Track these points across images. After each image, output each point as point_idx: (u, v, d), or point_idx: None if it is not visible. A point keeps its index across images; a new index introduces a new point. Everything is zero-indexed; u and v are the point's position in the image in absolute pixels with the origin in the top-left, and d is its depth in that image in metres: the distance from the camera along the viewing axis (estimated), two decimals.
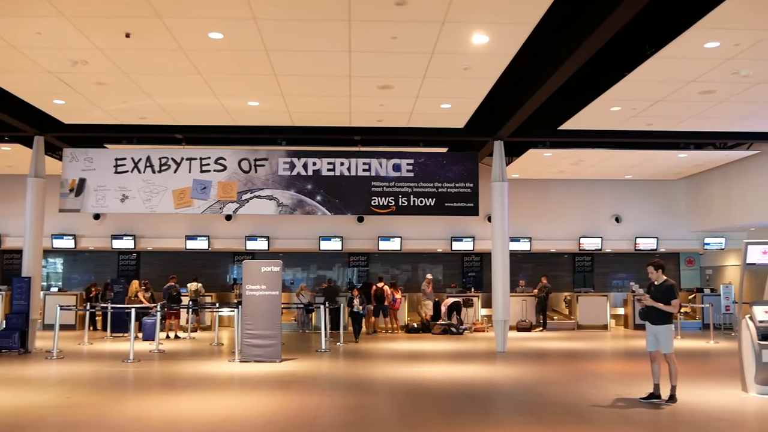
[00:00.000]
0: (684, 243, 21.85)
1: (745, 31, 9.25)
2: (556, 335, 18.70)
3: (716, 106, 12.88)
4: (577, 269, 23.69)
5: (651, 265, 8.92)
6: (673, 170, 19.79)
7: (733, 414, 8.11)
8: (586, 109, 13.12)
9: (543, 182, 21.16)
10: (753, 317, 9.19)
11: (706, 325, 18.52)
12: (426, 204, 15.14)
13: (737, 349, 9.56)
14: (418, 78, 11.42)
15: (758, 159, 17.68)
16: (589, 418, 7.78)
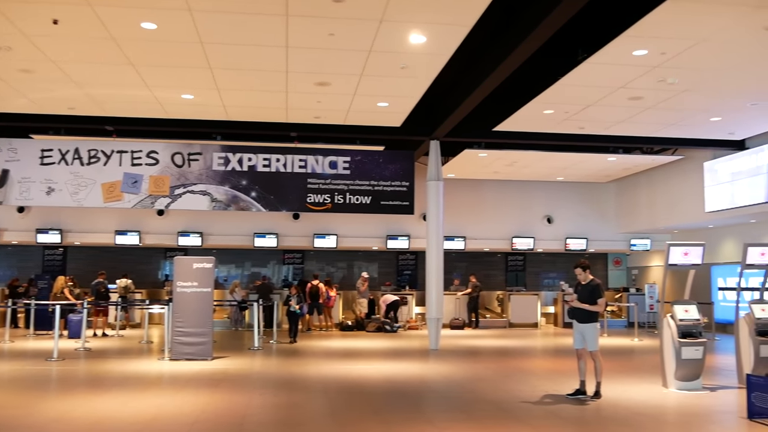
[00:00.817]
0: (612, 244, 22.55)
1: (672, 40, 9.58)
2: (488, 333, 19.00)
3: (644, 112, 13.31)
4: (510, 268, 24.12)
5: (578, 266, 9.16)
6: (602, 173, 20.37)
7: (654, 409, 8.40)
8: (521, 111, 13.37)
9: (478, 182, 21.47)
10: (674, 316, 9.54)
11: (632, 324, 19.10)
12: (362, 202, 15.14)
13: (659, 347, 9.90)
14: (356, 76, 11.41)
15: (682, 164, 18.38)
16: (517, 414, 7.93)
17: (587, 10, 8.66)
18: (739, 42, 9.62)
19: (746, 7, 8.42)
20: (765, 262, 10.16)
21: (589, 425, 7.58)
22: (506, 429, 7.18)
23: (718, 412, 8.31)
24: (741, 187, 15.71)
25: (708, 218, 17.32)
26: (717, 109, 13.31)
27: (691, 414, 8.16)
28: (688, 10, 8.52)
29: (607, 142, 15.96)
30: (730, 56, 10.22)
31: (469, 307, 20.56)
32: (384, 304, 19.52)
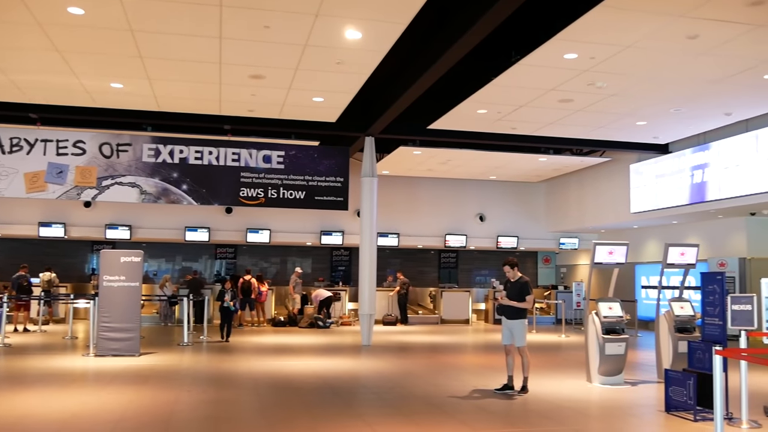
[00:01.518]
0: (542, 242, 23.08)
1: (600, 46, 9.86)
2: (420, 329, 19.17)
3: (573, 114, 13.66)
4: (443, 265, 24.39)
5: (507, 264, 9.33)
6: (534, 173, 20.81)
7: (578, 403, 8.63)
8: (455, 110, 13.53)
9: (412, 180, 21.62)
10: (598, 313, 9.83)
11: (560, 320, 19.60)
12: (296, 197, 15.04)
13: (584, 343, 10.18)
14: (291, 70, 11.32)
15: (610, 166, 18.96)
16: (446, 409, 8.02)
17: (521, 13, 8.83)
18: (663, 50, 9.98)
19: (670, 16, 8.74)
20: (684, 261, 10.57)
21: (515, 419, 7.73)
22: (435, 423, 7.26)
23: (637, 405, 8.60)
24: (664, 190, 16.31)
25: (633, 219, 17.91)
26: (642, 114, 13.77)
27: (612, 407, 8.42)
28: (616, 16, 8.78)
29: (539, 142, 16.31)
30: (655, 63, 10.60)
31: (399, 303, 20.69)
32: (317, 299, 19.46)
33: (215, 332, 16.07)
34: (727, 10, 8.54)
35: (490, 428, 7.14)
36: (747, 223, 16.45)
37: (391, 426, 7.07)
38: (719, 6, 8.42)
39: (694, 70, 10.95)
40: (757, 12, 8.59)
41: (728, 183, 14.28)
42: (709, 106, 13.21)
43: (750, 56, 10.26)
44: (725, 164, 14.38)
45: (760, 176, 13.40)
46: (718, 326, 7.63)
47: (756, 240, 16.46)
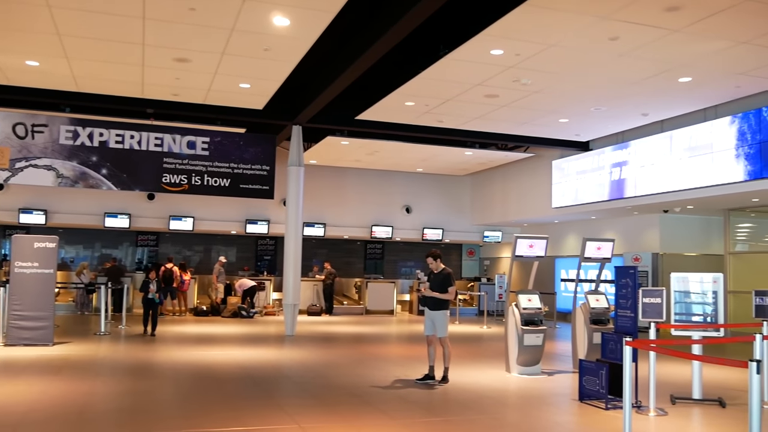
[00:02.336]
0: (466, 235, 23.45)
1: (525, 43, 10.06)
2: (344, 320, 19.20)
3: (499, 109, 13.91)
4: (369, 256, 24.47)
5: (429, 255, 9.43)
6: (459, 166, 21.10)
7: (497, 392, 8.82)
8: (383, 101, 13.56)
9: (340, 170, 21.59)
10: (518, 305, 10.06)
11: (482, 312, 19.95)
12: (221, 184, 14.79)
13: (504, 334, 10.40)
14: (217, 54, 11.09)
15: (533, 161, 19.41)
16: (367, 399, 8.06)
17: (450, 7, 8.91)
18: (585, 50, 10.27)
19: (592, 18, 8.99)
20: (600, 256, 10.92)
21: (435, 408, 7.84)
22: (356, 413, 7.28)
23: (553, 394, 8.85)
24: (584, 186, 16.82)
25: (554, 213, 18.40)
26: (565, 111, 14.15)
27: (529, 397, 8.64)
28: (541, 15, 8.98)
29: (465, 136, 16.55)
30: (577, 62, 10.90)
31: (325, 293, 20.66)
32: (241, 289, 19.21)
33: (135, 322, 15.65)
34: (646, 14, 8.85)
35: (411, 418, 7.22)
36: (660, 219, 17.15)
37: (312, 416, 7.06)
38: (639, 10, 8.72)
39: (615, 71, 11.31)
40: (673, 17, 8.95)
41: (644, 181, 14.84)
42: (628, 106, 13.69)
43: (666, 59, 10.67)
44: (642, 163, 14.93)
45: (673, 175, 13.98)
46: (630, 318, 7.93)
47: (668, 236, 17.19)
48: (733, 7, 8.59)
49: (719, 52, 10.32)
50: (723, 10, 8.69)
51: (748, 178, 12.43)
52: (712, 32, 9.47)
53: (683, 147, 13.82)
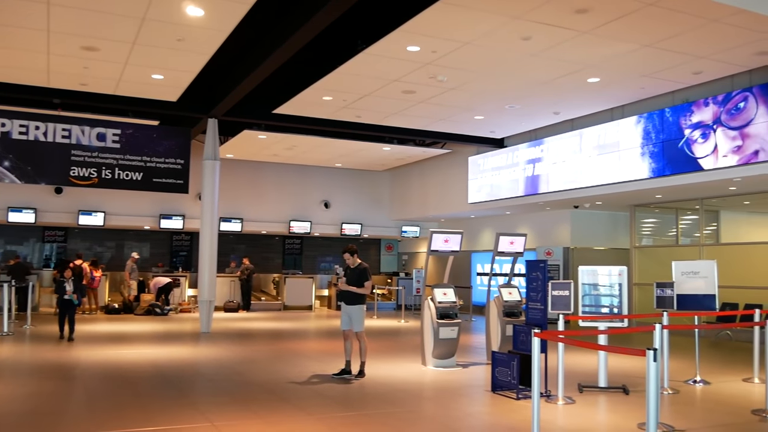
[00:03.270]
0: (385, 230, 23.61)
1: (441, 40, 10.19)
2: (262, 316, 18.99)
3: (416, 105, 14.04)
4: (287, 251, 24.29)
5: (346, 251, 9.44)
6: (378, 162, 21.20)
7: (412, 385, 8.92)
8: (301, 95, 13.46)
9: (257, 164, 21.32)
10: (433, 298, 10.20)
11: (401, 306, 20.12)
12: (133, 178, 14.34)
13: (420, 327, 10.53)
14: (128, 43, 10.74)
15: (451, 157, 19.70)
16: (283, 395, 8.01)
17: (368, 2, 8.93)
18: (498, 49, 10.49)
19: (505, 17, 9.19)
20: (513, 250, 11.20)
21: (352, 403, 7.86)
22: (272, 410, 7.22)
23: (467, 386, 9.02)
24: (499, 182, 17.20)
25: (471, 209, 18.74)
26: (480, 109, 14.42)
27: (444, 389, 8.78)
28: (456, 13, 9.11)
29: (383, 132, 16.62)
30: (491, 61, 11.12)
31: (242, 289, 20.38)
32: (155, 286, 18.71)
33: (41, 321, 14.99)
34: (557, 15, 9.11)
35: (327, 413, 7.21)
36: (571, 215, 17.74)
37: (226, 414, 6.95)
38: (550, 11, 8.97)
39: (527, 70, 11.61)
40: (583, 19, 9.25)
41: (555, 178, 15.31)
42: (540, 105, 14.08)
43: (576, 60, 11.03)
44: (554, 160, 15.40)
45: (583, 172, 14.49)
46: (540, 311, 8.17)
47: (578, 231, 17.80)
48: (637, 11, 8.95)
49: (625, 54, 10.74)
50: (628, 14, 9.04)
51: (652, 175, 13.01)
52: (619, 35, 9.85)
53: (592, 145, 14.34)
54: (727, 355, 12.15)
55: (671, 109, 12.76)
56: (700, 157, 12.12)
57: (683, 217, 16.64)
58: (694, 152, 12.25)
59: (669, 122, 12.72)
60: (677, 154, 12.53)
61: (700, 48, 10.43)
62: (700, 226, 15.43)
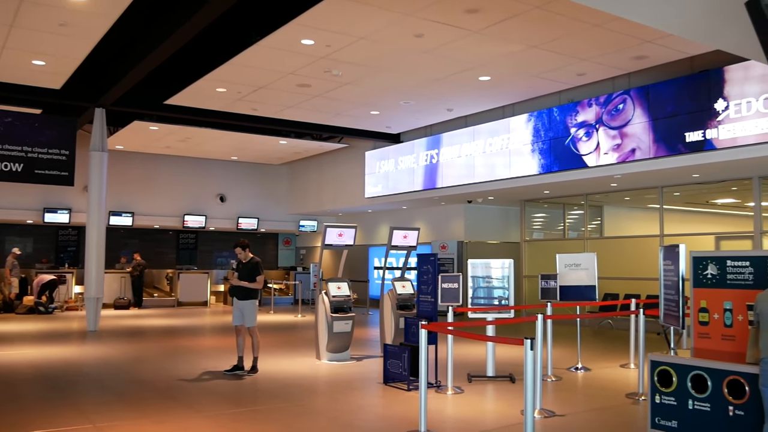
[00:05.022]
0: (282, 224, 23.43)
1: (335, 35, 10.20)
2: (154, 313, 18.45)
3: (312, 99, 14.00)
4: (182, 246, 23.67)
5: (238, 245, 9.33)
6: (275, 155, 21.01)
7: (306, 379, 8.92)
8: (193, 86, 13.14)
9: (149, 156, 20.66)
10: (327, 292, 10.22)
11: (298, 301, 20.02)
12: (12, 169, 13.53)
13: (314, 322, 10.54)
14: (4, 26, 10.13)
15: (348, 152, 19.77)
16: (173, 393, 7.82)
17: None
18: (392, 45, 10.61)
19: (398, 14, 9.30)
20: (407, 244, 11.38)
21: (243, 399, 7.78)
22: (160, 409, 7.04)
23: (360, 379, 9.09)
24: (395, 177, 17.41)
25: (368, 203, 18.88)
26: (375, 104, 14.54)
27: (337, 382, 8.82)
28: (349, 7, 9.14)
29: (280, 125, 16.47)
30: (385, 57, 11.23)
31: (134, 286, 19.71)
32: (38, 284, 17.79)
33: None
34: (448, 14, 9.30)
35: (217, 410, 7.10)
36: (465, 209, 18.18)
37: (110, 414, 6.72)
38: (441, 9, 9.15)
39: (421, 67, 11.80)
40: (473, 19, 9.49)
41: (450, 173, 15.65)
42: (434, 102, 14.35)
43: (468, 59, 11.31)
44: (448, 156, 15.73)
45: (476, 168, 14.88)
46: (431, 303, 8.35)
47: (472, 225, 18.28)
48: (524, 14, 9.27)
49: (513, 54, 11.10)
50: (516, 15, 9.35)
51: (541, 171, 13.53)
52: (507, 35, 10.17)
53: (485, 141, 14.74)
54: (608, 343, 12.82)
55: (558, 109, 13.31)
56: (584, 154, 12.71)
57: (570, 212, 17.41)
58: (579, 150, 12.83)
59: (556, 121, 13.26)
60: (564, 151, 13.09)
61: (583, 51, 10.93)
62: (584, 220, 16.19)
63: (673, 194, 14.79)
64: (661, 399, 5.46)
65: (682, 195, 15.36)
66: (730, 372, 5.06)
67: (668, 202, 14.62)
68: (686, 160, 11.14)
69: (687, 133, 10.94)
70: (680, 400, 5.33)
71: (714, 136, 10.60)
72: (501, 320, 8.92)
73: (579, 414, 7.10)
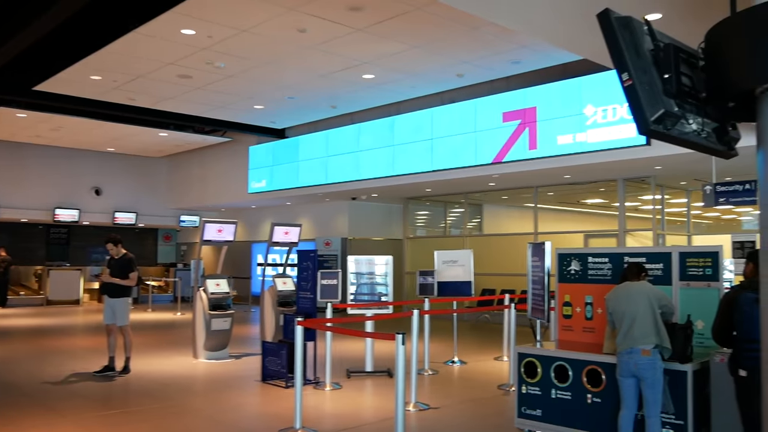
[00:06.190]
0: (163, 219, 22.67)
1: (218, 26, 9.97)
2: (21, 312, 17.42)
3: (193, 91, 13.62)
4: (52, 241, 22.39)
5: (109, 241, 8.94)
6: (155, 148, 20.30)
7: (182, 379, 8.69)
8: (65, 72, 12.42)
9: (17, 145, 19.43)
10: (206, 289, 9.99)
11: (178, 298, 19.45)
12: None
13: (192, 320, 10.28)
14: None
15: (231, 146, 19.37)
16: (35, 397, 7.42)
17: None
18: (275, 38, 10.49)
19: (281, 8, 9.20)
20: (288, 240, 11.28)
21: (113, 401, 7.49)
22: (22, 414, 6.64)
23: (238, 377, 8.94)
24: (279, 172, 17.23)
25: (251, 198, 18.59)
26: (260, 98, 14.34)
27: (214, 381, 8.65)
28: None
29: (159, 117, 15.92)
30: (269, 50, 11.09)
31: None
32: None
33: None
34: (331, 11, 9.30)
35: (84, 413, 6.79)
36: (349, 206, 18.26)
37: None
38: (324, 6, 9.13)
39: (305, 62, 11.74)
40: (356, 17, 9.54)
41: (334, 169, 15.65)
42: (318, 98, 14.31)
43: (352, 56, 11.36)
44: (333, 152, 15.72)
45: (361, 165, 14.96)
46: (310, 299, 8.33)
47: (356, 222, 18.38)
48: (406, 14, 9.40)
49: (396, 54, 11.25)
50: (398, 15, 9.47)
51: (423, 169, 13.77)
52: (390, 34, 10.28)
53: (370, 139, 14.84)
54: (485, 337, 13.25)
55: (439, 109, 13.59)
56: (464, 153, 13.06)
57: (451, 210, 17.86)
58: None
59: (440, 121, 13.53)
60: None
61: (462, 53, 11.23)
62: (465, 218, 16.66)
63: (547, 194, 15.50)
64: (527, 389, 5.71)
65: (556, 195, 16.15)
66: (589, 362, 5.36)
67: (543, 201, 15.31)
68: (557, 161, 11.68)
69: (559, 136, 11.47)
70: (544, 390, 5.59)
71: (583, 140, 11.17)
72: (380, 316, 9.03)
73: (452, 406, 7.31)
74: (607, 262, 5.81)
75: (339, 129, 15.72)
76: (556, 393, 5.52)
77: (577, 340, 6.00)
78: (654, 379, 4.76)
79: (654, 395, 4.77)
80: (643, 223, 14.03)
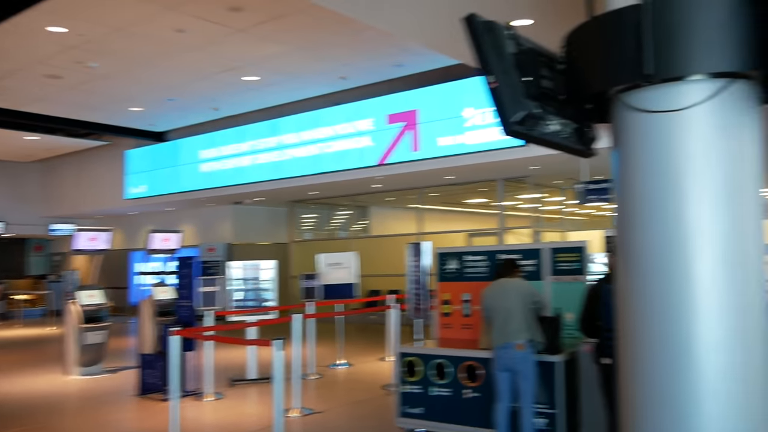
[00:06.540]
0: (34, 228, 21.34)
1: (89, 24, 9.48)
2: None
3: (64, 92, 12.91)
4: None
5: None
6: (23, 152, 19.11)
7: (52, 397, 8.19)
8: None
9: None
10: (79, 301, 9.47)
11: (51, 312, 18.37)
12: None
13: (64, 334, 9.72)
14: None
15: (108, 150, 18.51)
16: None
17: None
18: (152, 38, 10.10)
19: (157, 6, 8.86)
20: (168, 247, 10.89)
21: None
22: None
23: (113, 392, 8.51)
24: (159, 177, 16.63)
25: (129, 205, 17.83)
26: (138, 100, 13.78)
27: (87, 398, 8.21)
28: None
29: (25, 119, 14.94)
30: (145, 50, 10.67)
31: None
32: None
33: None
34: (211, 11, 9.05)
35: None
36: (233, 211, 17.86)
37: None
38: (204, 6, 8.87)
39: (184, 64, 11.37)
40: (237, 17, 9.33)
41: (217, 173, 15.26)
42: (200, 100, 13.92)
43: (233, 57, 11.11)
44: (215, 155, 15.33)
45: (245, 169, 14.66)
46: (188, 308, 8.06)
47: (241, 227, 17.99)
48: (288, 16, 9.28)
49: (279, 56, 11.10)
50: (280, 17, 9.33)
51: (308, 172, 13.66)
52: (272, 36, 10.12)
53: (254, 142, 14.57)
54: (371, 338, 13.29)
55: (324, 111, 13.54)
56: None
57: (337, 212, 17.84)
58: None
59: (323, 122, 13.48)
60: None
61: (345, 55, 11.22)
62: (351, 220, 16.68)
63: (432, 195, 15.77)
64: (408, 388, 5.76)
65: (440, 196, 16.47)
66: (466, 358, 5.47)
67: (428, 202, 15.56)
68: (439, 163, 11.89)
69: (439, 138, 11.68)
70: (424, 388, 5.65)
71: (463, 141, 11.43)
72: (262, 321, 8.86)
73: (336, 409, 7.27)
74: (483, 260, 5.95)
75: (222, 132, 15.35)
76: (436, 390, 5.59)
77: (456, 337, 6.11)
78: (528, 372, 4.91)
79: (528, 387, 4.93)
80: (523, 221, 14.55)
